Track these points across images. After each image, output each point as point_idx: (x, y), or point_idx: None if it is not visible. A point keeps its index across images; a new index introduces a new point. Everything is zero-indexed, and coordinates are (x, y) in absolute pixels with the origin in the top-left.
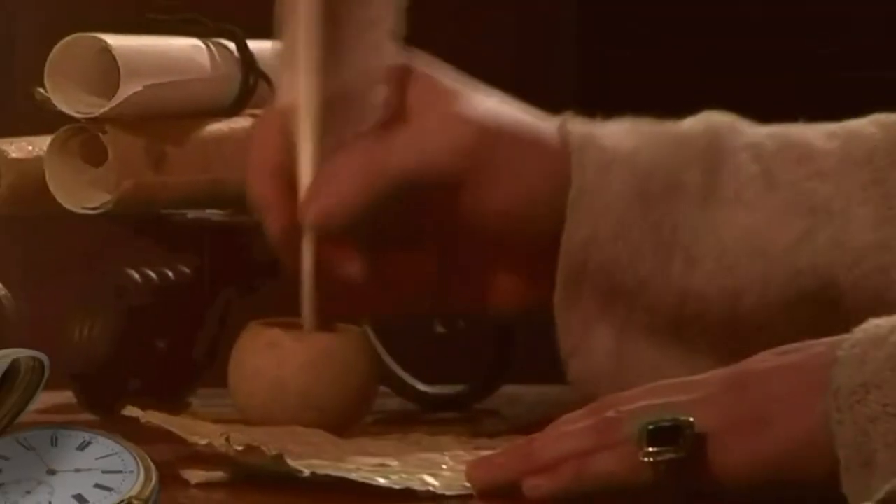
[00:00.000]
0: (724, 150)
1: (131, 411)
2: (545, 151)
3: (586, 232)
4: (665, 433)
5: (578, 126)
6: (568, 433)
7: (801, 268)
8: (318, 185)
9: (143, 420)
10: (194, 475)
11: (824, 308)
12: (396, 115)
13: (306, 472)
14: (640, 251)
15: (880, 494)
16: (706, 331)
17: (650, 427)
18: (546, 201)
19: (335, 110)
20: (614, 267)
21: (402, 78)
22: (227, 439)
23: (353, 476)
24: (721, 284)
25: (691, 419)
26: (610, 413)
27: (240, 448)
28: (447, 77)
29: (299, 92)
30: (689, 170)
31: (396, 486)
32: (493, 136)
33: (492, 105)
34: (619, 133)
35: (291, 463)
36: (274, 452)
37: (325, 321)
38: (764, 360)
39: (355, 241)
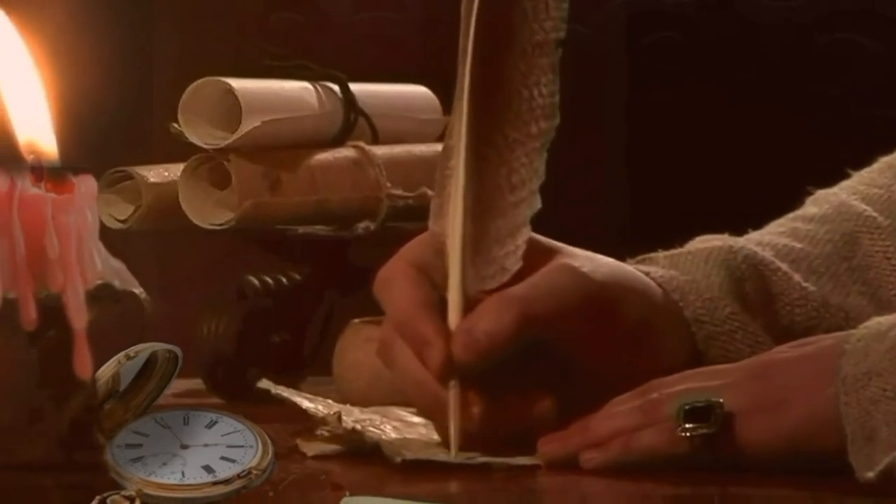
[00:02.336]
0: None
1: (265, 384)
2: (650, 294)
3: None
4: (699, 412)
5: (658, 270)
6: (618, 412)
7: None
8: (467, 326)
9: (273, 392)
10: (311, 447)
11: None
12: (525, 273)
13: (398, 460)
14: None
15: (881, 466)
16: None
17: (686, 407)
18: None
19: (475, 265)
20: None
21: (532, 248)
22: (339, 417)
23: (438, 458)
24: None
25: (721, 400)
26: (653, 395)
27: (348, 427)
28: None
29: (453, 239)
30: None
31: (475, 463)
32: (604, 285)
33: (601, 262)
34: (681, 267)
35: (386, 451)
36: (373, 441)
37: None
38: (783, 351)
39: (480, 387)
